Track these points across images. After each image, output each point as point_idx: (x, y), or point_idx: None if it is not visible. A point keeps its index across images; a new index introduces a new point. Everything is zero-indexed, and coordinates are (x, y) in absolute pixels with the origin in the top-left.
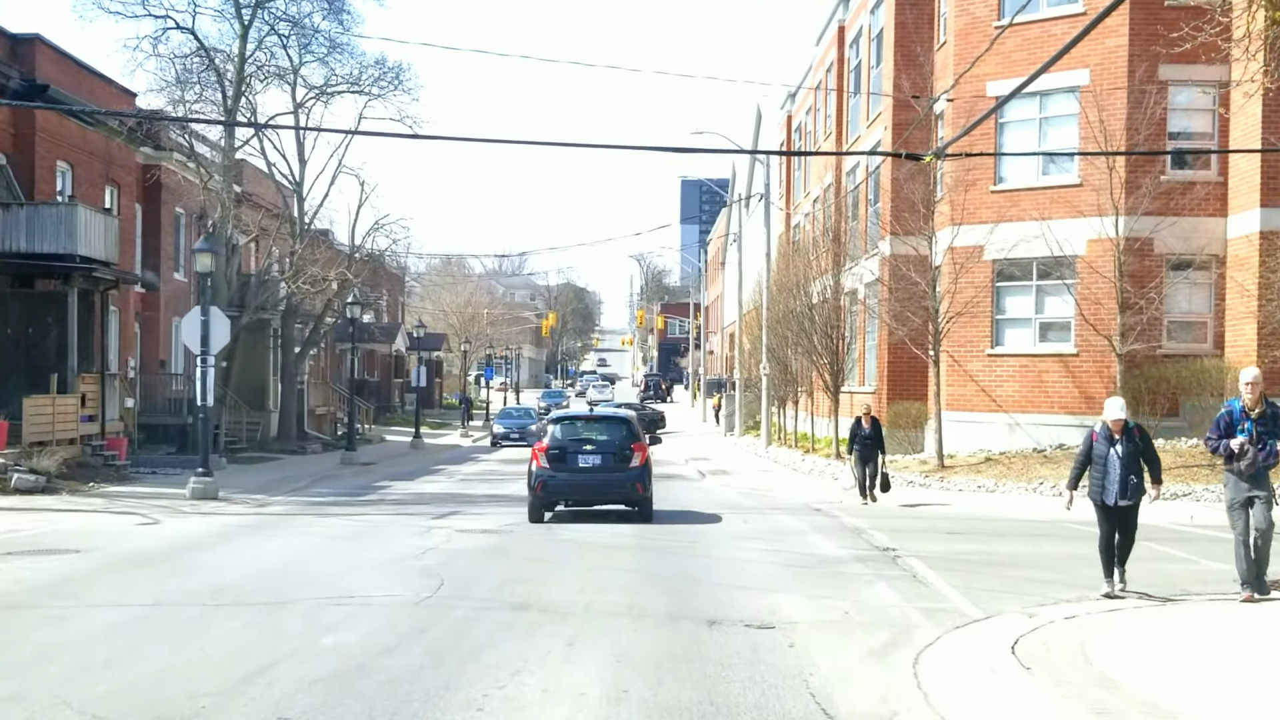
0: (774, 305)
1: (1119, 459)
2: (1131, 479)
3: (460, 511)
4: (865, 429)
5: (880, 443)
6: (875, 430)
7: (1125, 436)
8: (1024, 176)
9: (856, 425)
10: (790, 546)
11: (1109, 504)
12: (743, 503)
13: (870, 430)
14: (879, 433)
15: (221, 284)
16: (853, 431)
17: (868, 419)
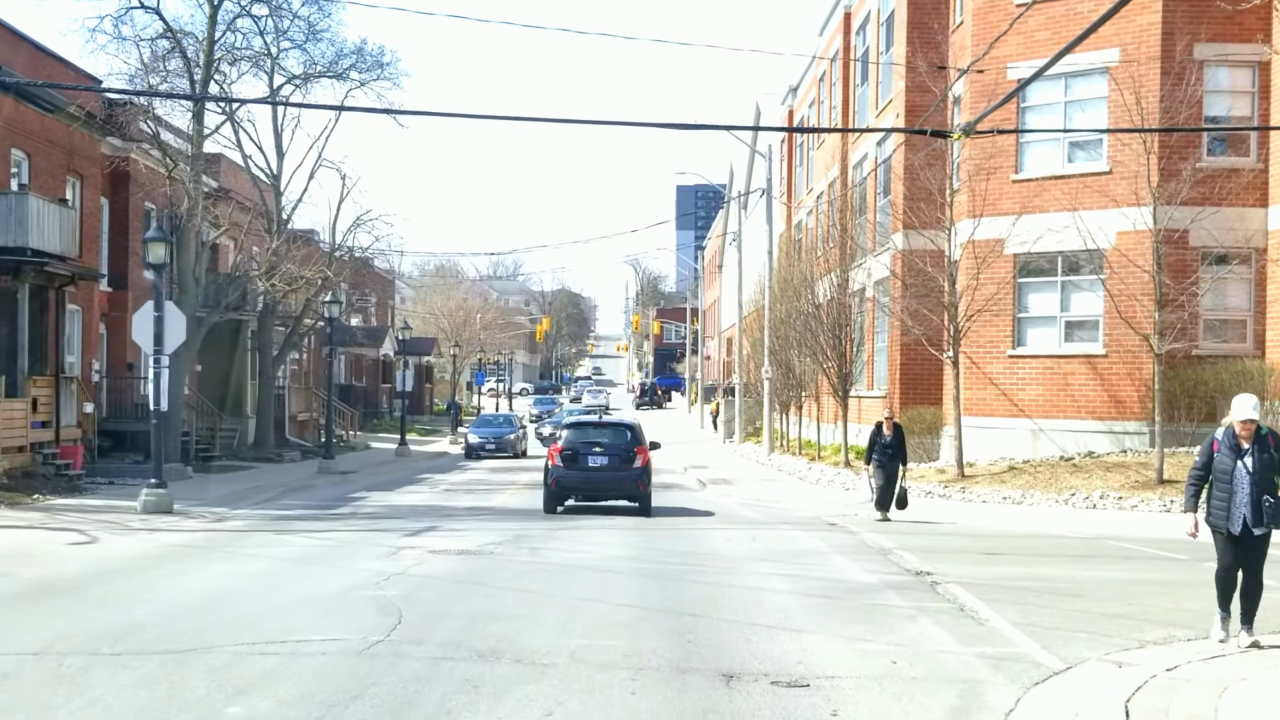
0: (776, 306)
1: (1249, 474)
2: (1267, 501)
3: (438, 527)
4: (887, 436)
5: (903, 452)
6: (898, 438)
7: (1257, 445)
8: (1048, 164)
9: (877, 432)
10: (810, 570)
11: (1235, 532)
12: (749, 516)
13: (892, 438)
14: (902, 441)
15: (189, 281)
16: (872, 439)
17: (890, 425)
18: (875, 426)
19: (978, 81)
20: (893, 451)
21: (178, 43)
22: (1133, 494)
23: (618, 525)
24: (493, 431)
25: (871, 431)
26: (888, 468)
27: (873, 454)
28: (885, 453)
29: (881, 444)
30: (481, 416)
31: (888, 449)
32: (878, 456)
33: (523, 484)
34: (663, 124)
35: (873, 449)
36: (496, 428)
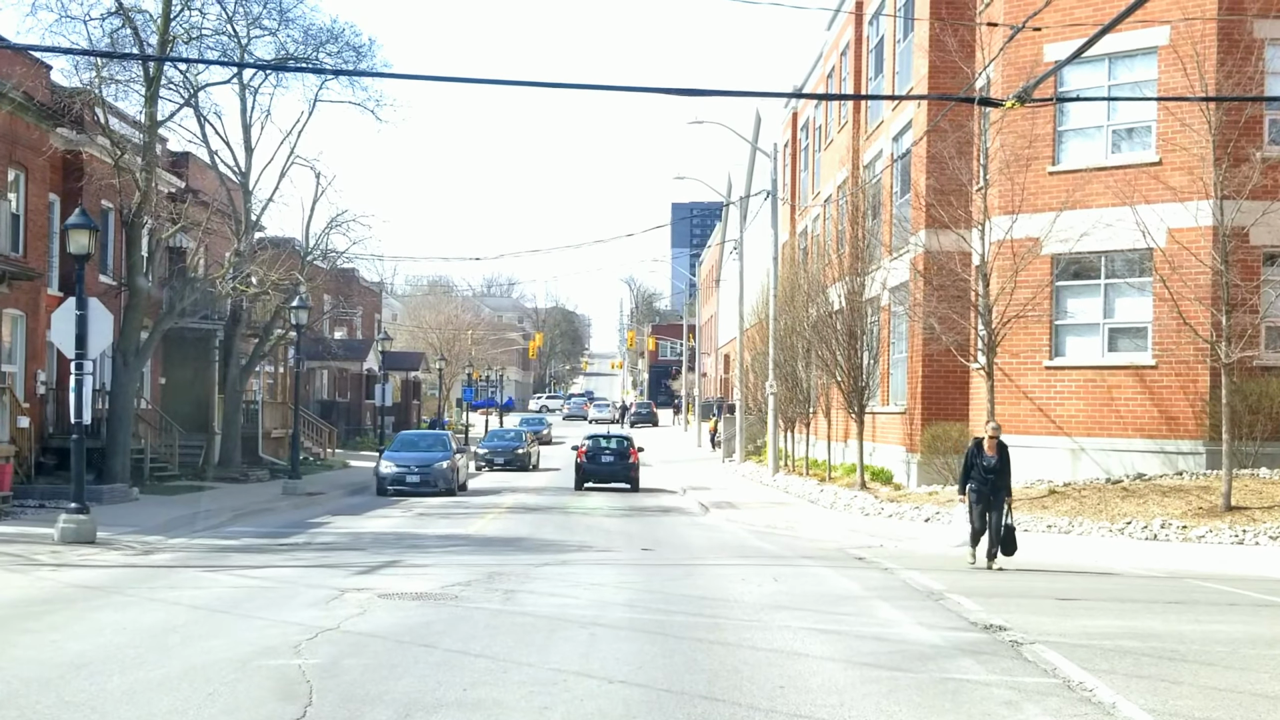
0: (781, 316)
1: None
2: None
3: (399, 562)
4: (990, 457)
5: (1008, 479)
6: (1003, 460)
7: None
8: (1090, 155)
9: (976, 452)
10: (853, 625)
11: None
12: (762, 547)
13: (996, 460)
14: (1007, 464)
15: (140, 283)
16: (969, 461)
17: (993, 443)
18: (973, 445)
19: (1011, 65)
20: (996, 477)
21: (127, 19)
22: (1198, 522)
23: (612, 560)
24: (505, 445)
25: (968, 451)
26: (989, 498)
27: (971, 481)
28: (987, 479)
29: (982, 466)
30: (494, 432)
31: (990, 474)
32: (976, 484)
33: (506, 508)
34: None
35: (969, 473)
36: (510, 442)
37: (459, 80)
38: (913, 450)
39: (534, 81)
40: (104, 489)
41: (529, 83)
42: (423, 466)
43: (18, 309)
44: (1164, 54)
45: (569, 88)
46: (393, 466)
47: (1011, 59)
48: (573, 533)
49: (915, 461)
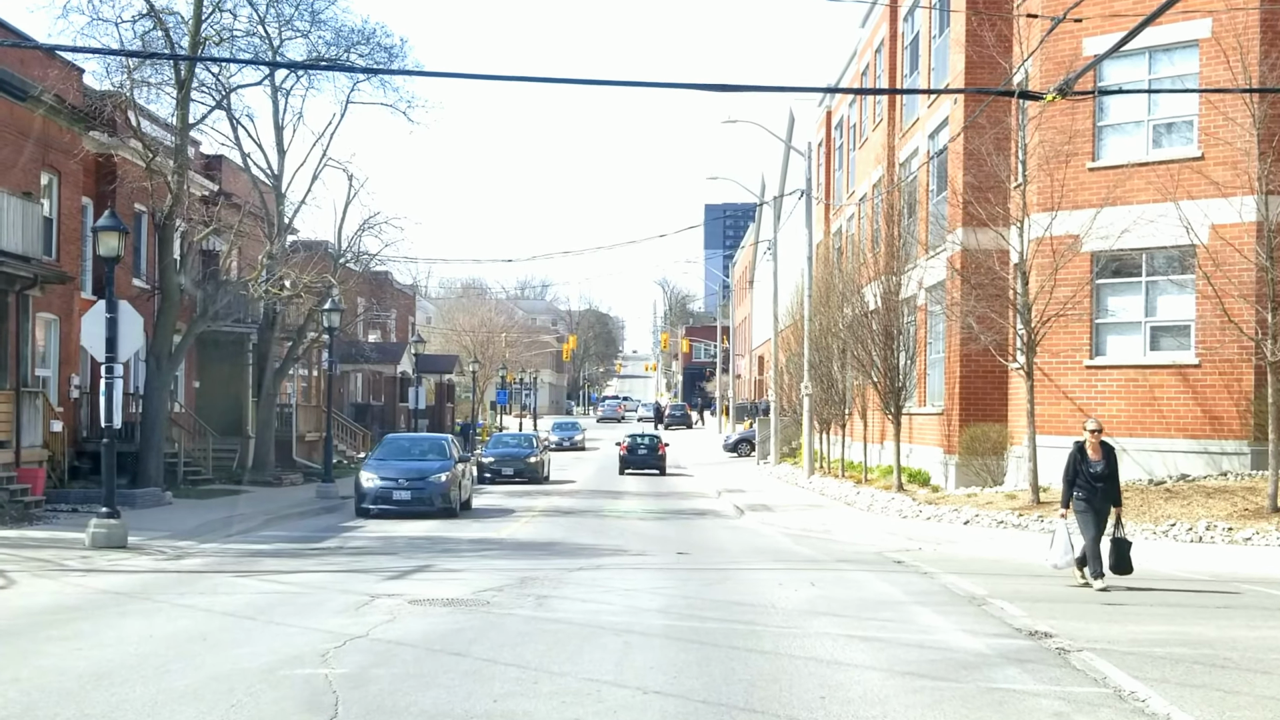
0: (815, 317)
1: None
2: None
3: (431, 567)
4: (1096, 461)
5: (1116, 486)
6: (1110, 464)
7: None
8: (1130, 150)
9: (1079, 457)
10: (894, 631)
11: None
12: (798, 551)
13: (1104, 464)
14: (1116, 468)
15: (172, 286)
16: (1072, 466)
17: (1097, 444)
18: (1075, 449)
19: (1050, 59)
20: (1105, 484)
21: (159, 20)
22: (1243, 524)
23: (646, 565)
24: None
25: (1070, 455)
26: (1098, 507)
27: (1076, 488)
28: (1093, 486)
29: (1088, 473)
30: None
31: (1098, 481)
32: (1083, 492)
33: (540, 510)
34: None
35: (1073, 480)
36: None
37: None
38: (950, 452)
39: (565, 78)
40: (137, 493)
41: (560, 79)
42: (414, 480)
43: (51, 313)
44: (1205, 47)
45: (600, 84)
46: (375, 479)
47: (1050, 53)
48: (607, 536)
49: (953, 463)
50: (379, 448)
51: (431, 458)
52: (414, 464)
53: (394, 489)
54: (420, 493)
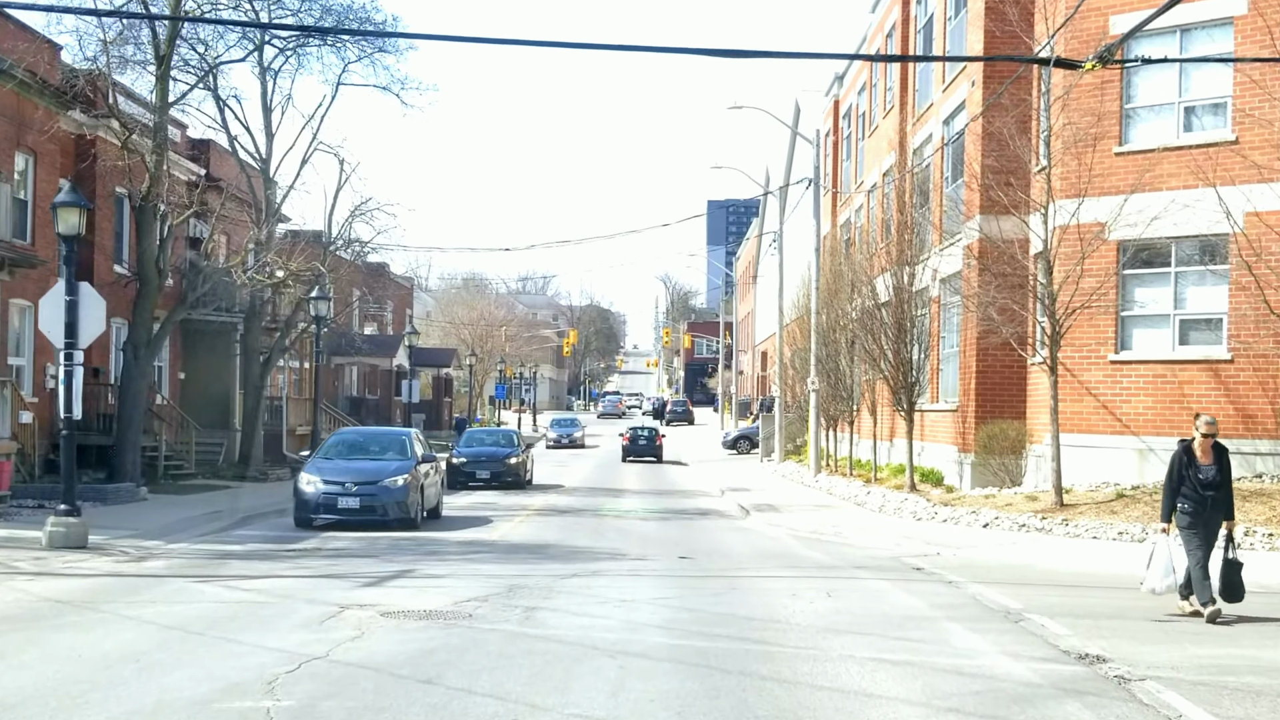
0: (823, 310)
1: None
2: None
3: (413, 572)
4: (1207, 466)
5: (1229, 495)
6: (1224, 468)
7: None
8: (1160, 134)
9: (1185, 460)
10: (926, 655)
11: None
12: (810, 556)
13: (1216, 469)
14: (1229, 474)
15: (151, 272)
16: (1176, 470)
17: (1208, 446)
18: (1179, 450)
19: (1075, 37)
20: (1216, 493)
21: None
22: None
23: (646, 571)
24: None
25: (1174, 458)
26: (1207, 521)
27: (1181, 496)
28: (1202, 496)
29: (1197, 479)
30: (471, 433)
31: (1208, 489)
32: (1190, 504)
33: (534, 509)
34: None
35: (1177, 488)
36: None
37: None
38: (965, 450)
39: (564, 42)
40: (109, 489)
41: (557, 43)
42: (365, 483)
43: (25, 299)
44: (1241, 24)
45: (600, 48)
46: (318, 483)
47: (1076, 31)
48: (605, 538)
49: (969, 462)
50: (325, 445)
51: (389, 457)
52: (366, 464)
53: (339, 495)
54: (371, 499)
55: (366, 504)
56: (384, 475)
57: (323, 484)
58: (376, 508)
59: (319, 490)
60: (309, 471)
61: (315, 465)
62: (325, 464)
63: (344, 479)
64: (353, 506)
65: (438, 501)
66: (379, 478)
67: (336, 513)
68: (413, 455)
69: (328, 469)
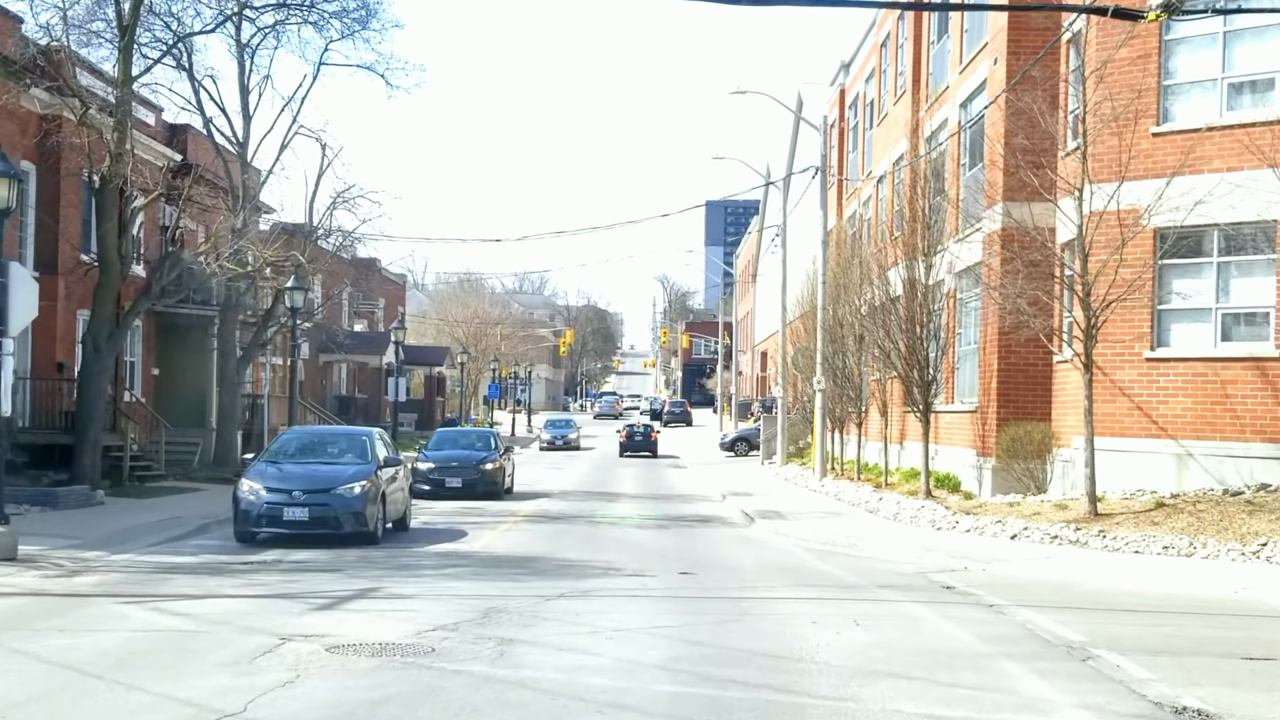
0: (830, 306)
1: None
2: None
3: (377, 591)
4: None
5: None
6: None
7: None
8: (1201, 112)
9: None
10: (989, 709)
11: None
12: (826, 571)
13: None
14: None
15: (112, 258)
16: None
17: None
18: None
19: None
20: None
21: None
22: None
23: (644, 590)
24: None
25: None
26: None
27: None
28: None
29: None
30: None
31: None
32: None
33: (523, 516)
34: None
35: None
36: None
37: None
38: (985, 454)
39: None
40: (60, 492)
41: None
42: (314, 491)
43: None
44: None
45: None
46: (261, 491)
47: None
48: (599, 548)
49: (989, 466)
50: (272, 446)
51: (346, 460)
52: (318, 469)
53: (285, 505)
54: (322, 510)
55: (317, 515)
56: (338, 482)
57: (266, 492)
58: (328, 519)
59: (262, 499)
60: (251, 477)
61: (259, 470)
62: (271, 468)
63: (291, 486)
64: (300, 518)
65: (405, 511)
66: (332, 484)
67: (282, 525)
68: (373, 459)
69: (273, 474)
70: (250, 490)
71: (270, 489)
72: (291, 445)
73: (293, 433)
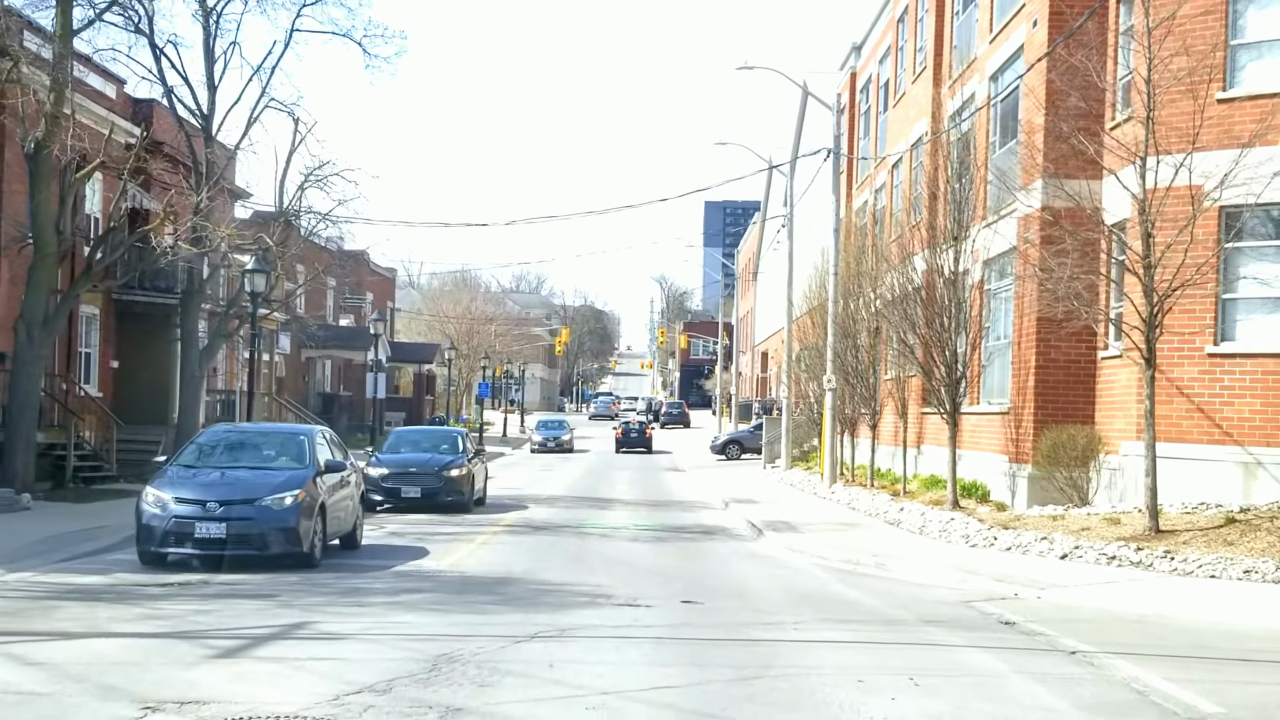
0: (842, 300)
1: None
2: None
3: (302, 628)
4: None
5: None
6: None
7: None
8: (1275, 75)
9: None
10: None
11: None
12: (857, 600)
13: None
14: None
15: (49, 235)
16: None
17: None
18: None
19: None
20: None
21: None
22: None
23: (639, 629)
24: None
25: None
26: None
27: None
28: None
29: None
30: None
31: None
32: None
33: (504, 525)
34: None
35: None
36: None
37: None
38: (1019, 460)
39: None
40: None
41: None
42: (236, 503)
43: None
44: None
45: None
46: (169, 502)
47: None
48: (587, 567)
49: (1024, 474)
50: (187, 447)
51: (280, 464)
52: (241, 475)
53: (198, 519)
54: (244, 525)
55: (237, 532)
56: (265, 491)
57: (175, 503)
58: (251, 537)
59: (169, 513)
60: (159, 485)
61: (170, 476)
62: (184, 475)
63: (206, 496)
64: (216, 536)
65: (355, 524)
66: (257, 494)
67: (192, 545)
68: (311, 463)
69: (185, 481)
70: (155, 501)
71: (181, 499)
72: (213, 446)
73: (215, 430)
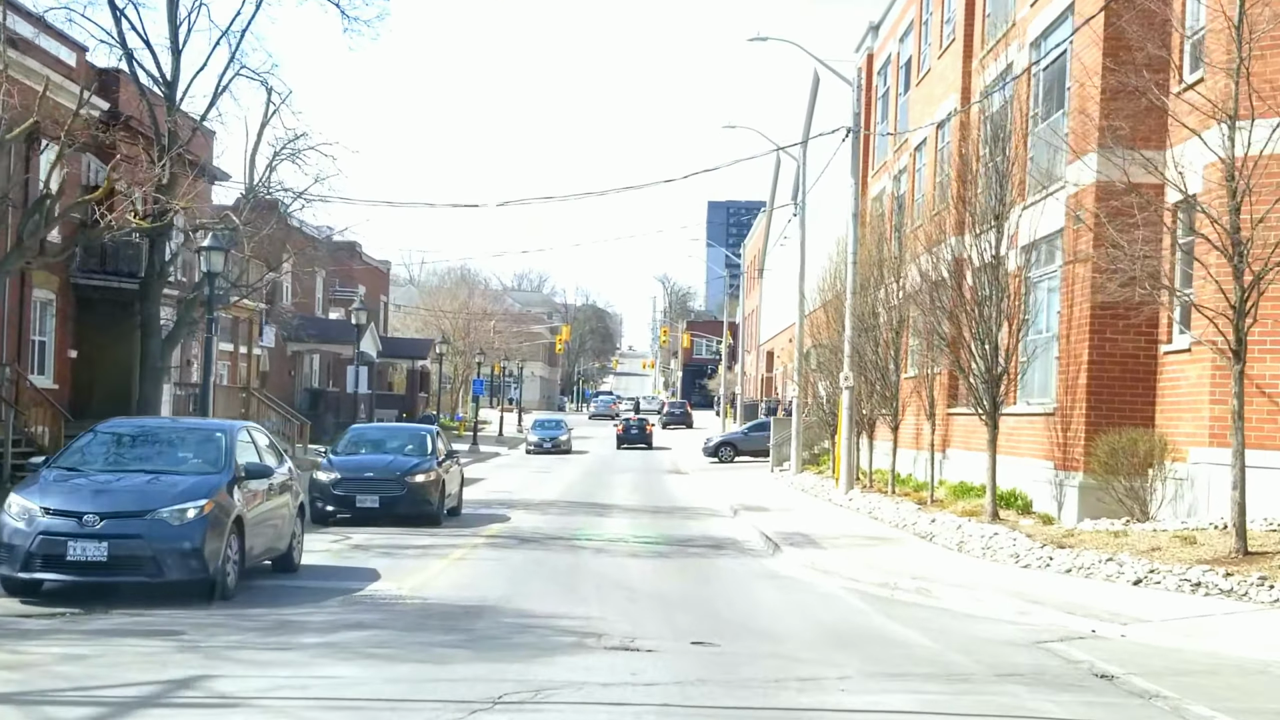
0: (860, 292)
1: None
2: None
3: (190, 688)
4: None
5: None
6: None
7: None
8: None
9: None
10: None
11: None
12: (905, 638)
13: None
14: None
15: None
16: None
17: None
18: None
19: None
20: None
21: None
22: None
23: (633, 690)
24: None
25: None
26: None
27: None
28: None
29: None
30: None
31: None
32: None
33: (487, 536)
34: None
35: None
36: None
37: None
38: (1067, 467)
39: None
40: None
41: None
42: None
43: None
44: None
45: None
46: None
47: None
48: (576, 592)
49: (1075, 484)
50: (76, 444)
51: (188, 468)
52: (135, 482)
53: (72, 536)
54: (130, 544)
55: (121, 553)
56: (162, 502)
57: (44, 515)
58: (140, 560)
59: (36, 527)
60: (25, 492)
61: (43, 481)
62: (61, 479)
63: (84, 507)
64: (94, 559)
65: (291, 543)
66: (150, 506)
67: (64, 569)
68: (227, 467)
69: (60, 488)
70: (21, 512)
71: (51, 510)
72: (105, 444)
73: (112, 424)
